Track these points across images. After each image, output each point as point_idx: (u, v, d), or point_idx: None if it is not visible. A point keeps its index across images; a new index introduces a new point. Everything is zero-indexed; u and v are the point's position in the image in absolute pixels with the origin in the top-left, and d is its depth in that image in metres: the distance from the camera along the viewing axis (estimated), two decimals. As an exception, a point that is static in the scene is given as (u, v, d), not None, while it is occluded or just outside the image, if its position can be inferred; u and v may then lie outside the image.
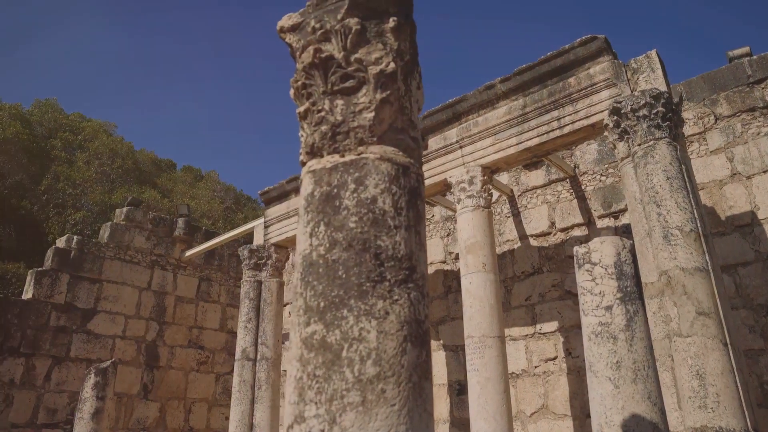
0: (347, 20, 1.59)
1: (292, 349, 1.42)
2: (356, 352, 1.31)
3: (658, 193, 4.76)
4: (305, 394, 1.32)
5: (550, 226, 7.70)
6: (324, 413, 1.28)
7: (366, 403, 1.27)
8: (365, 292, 1.37)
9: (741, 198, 6.25)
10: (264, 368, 8.10)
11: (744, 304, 5.96)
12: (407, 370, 1.34)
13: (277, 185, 8.71)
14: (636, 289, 2.95)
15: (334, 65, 1.59)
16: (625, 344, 2.82)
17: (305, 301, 1.42)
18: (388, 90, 1.58)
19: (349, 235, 1.42)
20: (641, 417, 2.68)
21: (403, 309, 1.39)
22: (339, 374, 1.30)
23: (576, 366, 6.97)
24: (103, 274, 9.77)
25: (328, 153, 1.57)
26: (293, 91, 1.73)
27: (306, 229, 1.50)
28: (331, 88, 1.60)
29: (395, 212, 1.47)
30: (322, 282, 1.40)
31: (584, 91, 5.63)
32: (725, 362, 4.26)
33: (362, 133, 1.55)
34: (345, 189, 1.48)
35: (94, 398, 6.54)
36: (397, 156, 1.55)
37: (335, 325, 1.35)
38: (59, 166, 14.50)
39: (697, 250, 4.57)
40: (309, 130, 1.62)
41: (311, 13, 1.69)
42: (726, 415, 4.08)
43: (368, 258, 1.41)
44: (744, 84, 6.49)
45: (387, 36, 1.61)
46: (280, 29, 1.76)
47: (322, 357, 1.33)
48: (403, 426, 1.28)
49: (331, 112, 1.58)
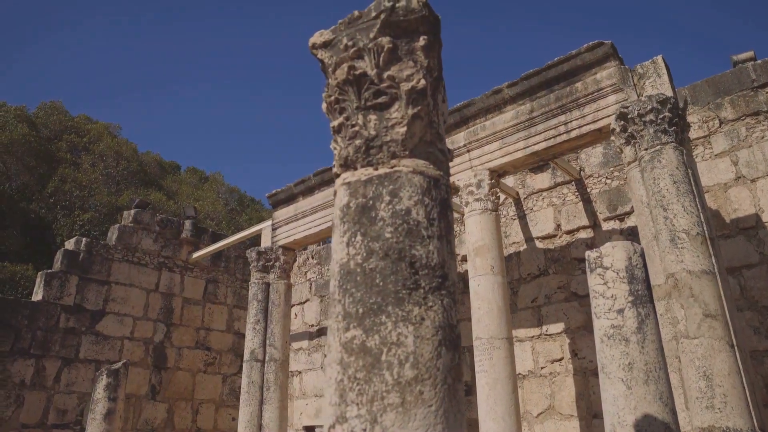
0: (380, 39, 1.67)
1: (331, 353, 1.50)
2: (395, 355, 1.39)
3: (665, 197, 4.84)
4: (346, 396, 1.40)
5: (556, 229, 7.77)
6: (365, 413, 1.35)
7: (405, 404, 1.35)
8: (402, 299, 1.45)
9: (745, 201, 6.33)
10: (272, 369, 8.18)
11: (749, 306, 6.03)
12: (442, 372, 1.42)
13: (284, 188, 8.79)
14: (647, 293, 3.03)
15: (367, 82, 1.67)
16: (637, 346, 2.89)
17: (344, 307, 1.49)
18: (419, 106, 1.66)
19: (386, 244, 1.50)
20: (653, 417, 2.75)
21: (437, 315, 1.47)
22: (379, 377, 1.38)
23: (582, 367, 7.04)
24: (111, 276, 9.85)
25: (362, 166, 1.65)
26: (326, 105, 1.81)
27: (342, 238, 1.58)
28: (364, 104, 1.67)
29: (428, 223, 1.55)
30: (360, 289, 1.48)
31: (591, 95, 5.70)
32: (732, 363, 4.33)
33: (395, 147, 1.63)
34: (380, 201, 1.55)
35: (106, 399, 6.62)
36: (428, 169, 1.62)
37: (374, 331, 1.42)
38: (65, 169, 14.60)
39: (703, 253, 4.64)
40: (343, 144, 1.70)
41: (343, 31, 1.77)
42: (733, 415, 4.15)
43: (404, 267, 1.48)
44: (748, 88, 6.56)
45: (417, 54, 1.69)
46: (312, 45, 1.84)
47: (362, 360, 1.41)
48: (440, 425, 1.36)
49: (364, 127, 1.66)
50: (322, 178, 8.34)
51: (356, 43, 1.70)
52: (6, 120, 14.78)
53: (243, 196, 20.15)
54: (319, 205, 8.36)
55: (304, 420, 10.27)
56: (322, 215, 8.32)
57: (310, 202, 8.52)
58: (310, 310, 11.00)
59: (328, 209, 8.25)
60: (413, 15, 1.67)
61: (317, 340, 10.65)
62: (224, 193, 19.15)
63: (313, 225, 8.41)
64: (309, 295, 11.14)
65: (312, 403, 10.27)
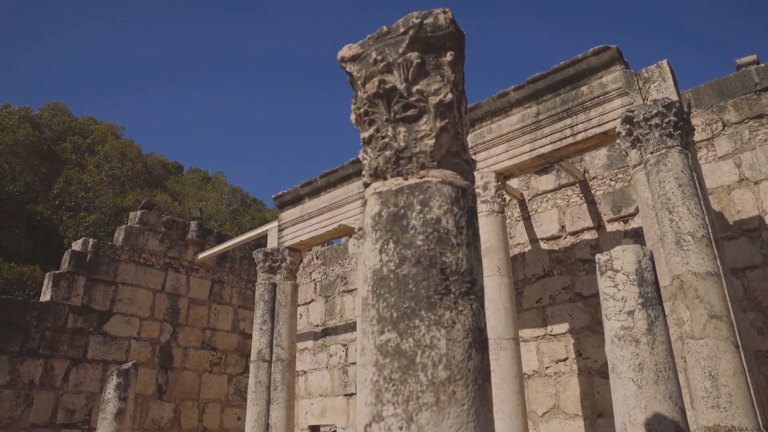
0: (408, 54, 1.74)
1: (365, 355, 1.58)
2: (429, 357, 1.47)
3: (671, 200, 4.91)
4: (382, 396, 1.47)
5: (561, 230, 7.85)
6: (401, 412, 1.43)
7: (439, 403, 1.42)
8: (434, 304, 1.53)
9: (749, 203, 6.40)
10: (279, 369, 8.26)
11: (752, 307, 6.11)
12: (473, 373, 1.49)
13: (291, 189, 8.86)
14: (656, 295, 3.10)
15: (396, 95, 1.75)
16: (647, 347, 2.97)
17: (378, 311, 1.57)
18: (447, 119, 1.74)
19: (418, 252, 1.58)
20: (663, 416, 2.83)
21: (467, 318, 1.54)
22: (414, 377, 1.46)
23: (586, 367, 7.12)
24: (118, 277, 9.93)
25: (392, 176, 1.73)
26: (355, 117, 1.88)
27: (375, 245, 1.65)
28: (393, 117, 1.75)
29: (457, 231, 1.63)
30: (394, 294, 1.56)
31: (597, 99, 5.78)
32: (737, 363, 4.41)
33: (423, 158, 1.70)
34: (412, 210, 1.63)
35: (117, 399, 6.69)
36: (456, 179, 1.70)
37: (408, 334, 1.50)
38: (70, 170, 14.68)
39: (708, 255, 4.72)
40: (373, 155, 1.77)
41: (371, 46, 1.84)
42: (738, 415, 4.23)
43: (435, 273, 1.56)
44: (751, 91, 6.64)
45: (444, 68, 1.77)
46: (341, 59, 1.91)
47: (397, 362, 1.48)
48: (471, 423, 1.44)
49: (394, 139, 1.73)
50: (329, 179, 8.41)
51: (385, 57, 1.78)
52: (10, 121, 14.85)
53: (245, 196, 20.24)
54: (326, 207, 8.44)
55: (309, 419, 10.35)
56: (328, 216, 8.40)
57: (317, 204, 8.60)
58: (315, 311, 11.08)
59: (335, 210, 8.33)
60: (441, 31, 1.75)
61: (322, 340, 10.73)
62: (227, 193, 19.22)
63: (319, 226, 8.48)
64: (314, 295, 11.21)
65: (317, 403, 10.35)
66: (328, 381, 10.36)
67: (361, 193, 7.99)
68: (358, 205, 8.01)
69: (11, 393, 8.29)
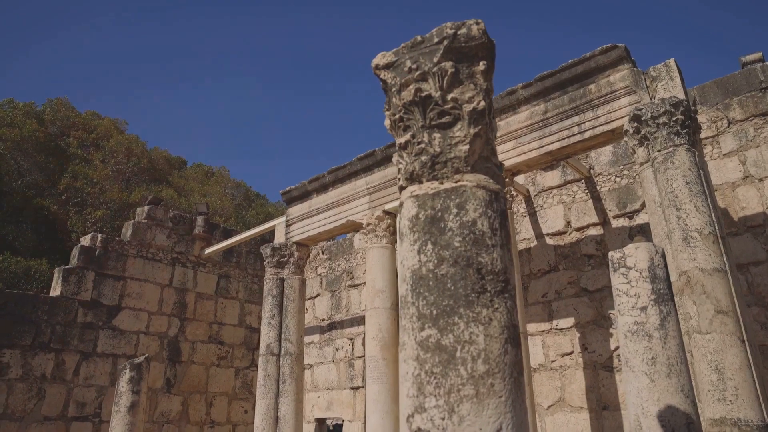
0: (443, 63, 1.83)
1: (406, 350, 1.67)
2: (468, 352, 1.56)
3: (678, 197, 5.00)
4: (424, 389, 1.57)
5: (566, 226, 7.94)
6: (443, 404, 1.53)
7: (479, 395, 1.52)
8: (471, 302, 1.62)
9: (753, 200, 6.49)
10: (288, 363, 8.37)
11: (756, 302, 6.21)
12: (509, 367, 1.59)
13: (299, 185, 8.95)
14: (668, 291, 3.20)
15: (432, 103, 1.83)
16: (660, 342, 3.06)
17: (418, 309, 1.66)
18: (480, 125, 1.83)
19: (455, 252, 1.67)
20: (676, 408, 2.93)
21: (502, 315, 1.64)
22: (455, 371, 1.55)
23: (592, 360, 7.23)
24: (126, 272, 10.02)
25: (427, 180, 1.81)
26: (390, 123, 1.97)
27: (413, 246, 1.74)
28: (429, 123, 1.84)
29: (491, 233, 1.72)
30: (433, 293, 1.65)
31: (604, 97, 5.86)
32: (743, 358, 4.51)
33: (458, 163, 1.79)
34: (448, 213, 1.72)
35: (130, 392, 6.80)
36: (489, 183, 1.79)
37: (448, 330, 1.59)
38: (76, 165, 14.75)
39: (715, 251, 4.81)
40: (409, 159, 1.86)
41: (406, 54, 1.93)
42: (744, 407, 4.34)
43: (471, 273, 1.65)
44: (756, 89, 6.72)
45: (477, 77, 1.85)
46: (375, 66, 2.00)
47: (438, 357, 1.58)
48: (509, 414, 1.53)
49: (429, 144, 1.82)
50: (336, 175, 8.50)
51: (420, 66, 1.86)
52: (16, 117, 14.91)
53: (249, 190, 20.33)
54: (333, 203, 8.52)
55: (316, 412, 10.48)
56: (336, 212, 8.48)
57: (324, 200, 8.68)
58: (321, 305, 11.19)
59: (342, 206, 8.42)
60: (474, 41, 1.83)
61: (328, 334, 10.84)
62: (230, 188, 19.30)
63: (327, 222, 8.57)
64: (320, 289, 11.32)
65: (324, 396, 10.47)
66: (334, 374, 10.48)
67: (368, 189, 8.09)
68: (365, 201, 8.10)
69: (24, 386, 8.41)
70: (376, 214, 7.80)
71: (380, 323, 7.38)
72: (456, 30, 1.83)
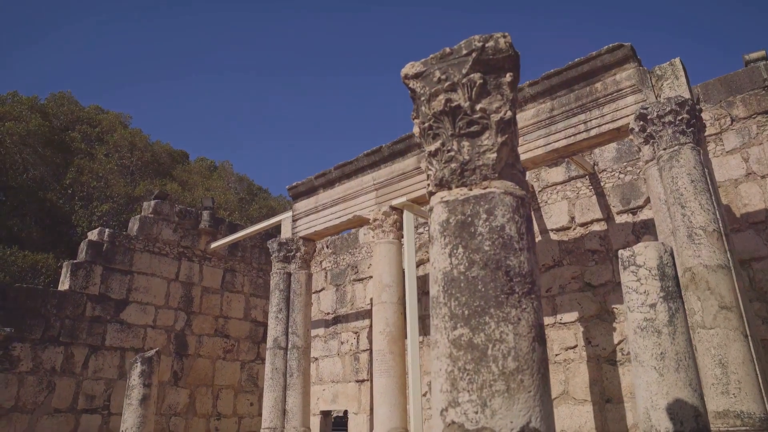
0: (472, 75, 1.92)
1: (438, 348, 1.77)
2: (499, 350, 1.66)
3: (683, 195, 5.10)
4: (457, 384, 1.67)
5: (570, 221, 8.04)
6: (476, 398, 1.63)
7: (510, 390, 1.62)
8: (501, 303, 1.72)
9: (756, 196, 6.60)
10: (295, 356, 8.48)
11: (758, 297, 6.32)
12: (537, 363, 1.69)
13: (305, 180, 9.03)
14: (677, 289, 3.30)
15: (461, 113, 1.92)
16: (668, 338, 3.17)
17: (450, 309, 1.76)
18: (506, 134, 1.92)
19: (485, 256, 1.76)
20: (684, 401, 3.04)
21: (530, 315, 1.74)
22: (486, 368, 1.65)
23: (595, 354, 7.35)
24: (133, 266, 10.12)
25: (456, 186, 1.91)
26: (419, 130, 2.06)
27: (444, 250, 1.84)
28: (458, 132, 1.93)
29: (519, 237, 1.81)
30: (465, 294, 1.75)
31: (610, 96, 5.94)
32: (746, 352, 4.63)
33: (486, 170, 1.89)
34: (478, 218, 1.81)
35: (141, 385, 6.91)
36: (516, 190, 1.89)
37: (480, 329, 1.69)
38: (81, 159, 14.81)
39: (719, 248, 4.92)
40: (438, 166, 1.95)
41: (434, 65, 2.02)
42: (747, 400, 4.46)
43: (501, 275, 1.75)
44: (760, 87, 6.80)
45: (504, 88, 1.94)
46: (405, 76, 2.09)
47: (470, 354, 1.68)
48: (537, 408, 1.64)
49: (459, 152, 1.91)
50: (343, 171, 8.58)
51: (449, 77, 1.95)
52: (21, 111, 14.95)
53: (251, 184, 20.39)
54: (340, 198, 8.61)
55: (321, 405, 10.61)
56: (342, 208, 8.57)
57: (331, 195, 8.77)
58: (326, 299, 11.30)
59: (349, 202, 8.51)
60: (501, 54, 1.92)
61: (333, 327, 10.96)
62: (233, 182, 19.36)
63: (333, 217, 8.66)
64: (324, 283, 11.43)
65: (329, 389, 10.60)
66: (339, 367, 10.60)
67: (375, 185, 8.17)
68: (372, 197, 8.19)
69: (34, 379, 8.52)
70: (383, 210, 7.89)
71: (387, 317, 7.49)
72: (484, 43, 1.91)
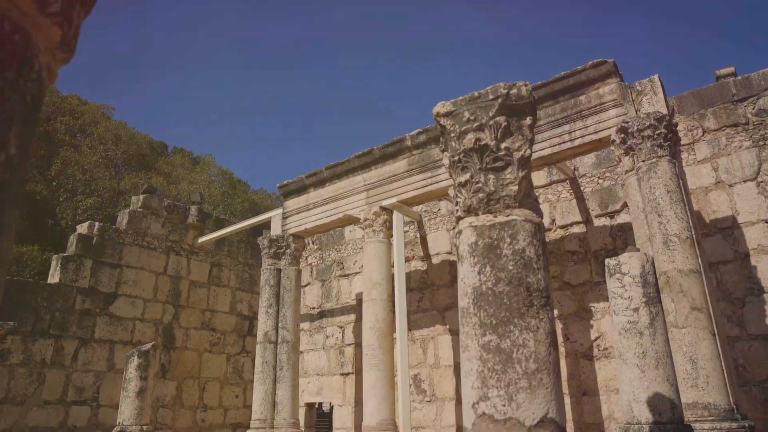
0: (497, 117, 2.24)
1: (469, 351, 2.09)
2: (522, 354, 1.99)
3: (660, 204, 5.52)
4: (487, 382, 2.00)
5: (551, 223, 8.46)
6: (504, 394, 1.96)
7: (531, 387, 1.95)
8: (523, 314, 2.05)
9: (724, 204, 7.09)
10: (285, 350, 8.75)
11: (724, 297, 6.82)
12: (552, 365, 2.03)
13: (296, 179, 9.27)
14: (657, 295, 3.69)
15: (488, 150, 2.24)
16: (649, 338, 3.56)
17: (480, 319, 2.09)
18: (526, 169, 2.25)
19: (509, 274, 2.09)
20: (662, 395, 3.43)
21: (546, 324, 2.07)
22: (512, 368, 1.98)
23: (573, 350, 7.80)
24: (122, 260, 10.24)
25: (483, 213, 2.23)
26: (449, 163, 2.37)
27: (474, 268, 2.16)
28: (485, 166, 2.25)
29: (536, 258, 2.15)
30: (492, 306, 2.08)
31: (594, 108, 6.34)
32: (713, 349, 5.08)
33: (509, 200, 2.21)
34: (503, 241, 2.14)
35: (138, 378, 7.11)
36: (534, 217, 2.22)
37: (506, 336, 2.02)
38: (67, 151, 14.71)
39: (691, 254, 5.36)
40: (467, 195, 2.27)
41: (464, 106, 2.33)
42: (714, 393, 4.91)
43: (522, 290, 2.08)
44: (729, 101, 7.28)
45: (524, 129, 2.27)
46: (437, 114, 2.40)
47: (498, 357, 2.01)
48: (553, 401, 1.97)
49: (485, 184, 2.23)
50: (334, 171, 8.84)
51: (477, 118, 2.27)
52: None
53: (233, 178, 20.44)
54: (331, 197, 8.88)
55: (306, 397, 10.90)
56: (333, 207, 8.85)
57: (321, 194, 9.03)
58: (311, 294, 11.57)
59: (340, 201, 8.78)
60: (522, 100, 2.24)
61: (318, 321, 11.24)
62: (216, 175, 19.40)
63: (324, 215, 8.93)
64: (310, 279, 11.69)
65: (314, 382, 10.89)
66: (324, 361, 10.90)
67: (366, 185, 8.46)
68: (363, 197, 8.48)
69: (25, 371, 8.62)
70: (374, 210, 8.19)
71: (377, 314, 7.81)
72: (508, 90, 2.23)
